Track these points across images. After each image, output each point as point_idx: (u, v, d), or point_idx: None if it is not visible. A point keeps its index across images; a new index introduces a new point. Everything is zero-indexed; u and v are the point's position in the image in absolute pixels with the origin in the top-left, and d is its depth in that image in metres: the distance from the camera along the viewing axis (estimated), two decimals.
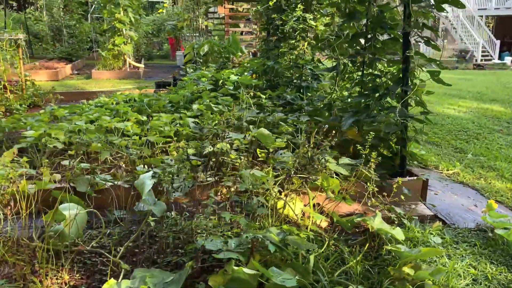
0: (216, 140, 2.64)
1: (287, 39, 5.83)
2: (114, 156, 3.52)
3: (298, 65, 5.61)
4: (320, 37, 4.98)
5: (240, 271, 1.79)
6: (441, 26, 23.56)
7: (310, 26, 5.12)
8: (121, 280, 1.84)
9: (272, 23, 6.27)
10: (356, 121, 3.43)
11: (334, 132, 3.30)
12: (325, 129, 3.80)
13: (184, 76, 7.09)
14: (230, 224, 2.19)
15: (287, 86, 5.67)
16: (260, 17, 6.93)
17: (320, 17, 5.28)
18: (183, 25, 11.02)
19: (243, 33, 12.65)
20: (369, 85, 3.55)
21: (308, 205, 2.90)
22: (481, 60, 20.36)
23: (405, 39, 3.16)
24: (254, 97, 5.05)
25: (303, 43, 5.43)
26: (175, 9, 13.45)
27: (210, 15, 12.86)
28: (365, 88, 3.64)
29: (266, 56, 6.51)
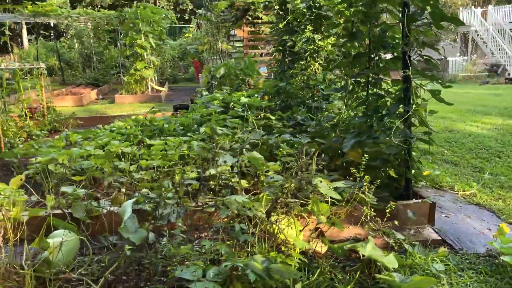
0: (207, 165, 2.62)
1: (299, 60, 5.83)
2: (117, 181, 3.55)
3: (310, 86, 5.58)
4: (329, 57, 4.95)
5: None
6: (470, 40, 23.08)
7: (319, 47, 5.10)
8: None
9: (285, 44, 6.30)
10: (358, 142, 3.35)
11: (336, 154, 3.24)
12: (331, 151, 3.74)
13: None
14: (215, 252, 2.15)
15: (300, 107, 5.64)
16: (276, 39, 6.98)
17: (329, 37, 5.25)
18: (203, 49, 11.25)
19: (262, 55, 12.78)
20: (372, 105, 3.48)
21: (310, 230, 2.83)
22: None
23: (404, 58, 3.09)
24: (263, 119, 5.04)
25: (314, 64, 5.41)
26: (198, 34, 13.77)
27: (231, 38, 13.09)
28: (369, 108, 3.57)
29: (280, 77, 6.52)
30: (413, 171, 3.47)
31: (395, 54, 3.45)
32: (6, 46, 14.28)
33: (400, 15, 3.07)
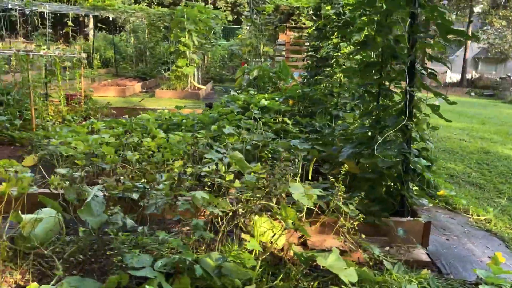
0: (189, 162, 2.68)
1: (325, 67, 5.77)
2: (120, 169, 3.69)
3: (333, 93, 5.51)
4: (345, 66, 4.87)
5: None
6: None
7: (343, 54, 5.02)
8: (47, 285, 1.92)
9: (315, 50, 6.25)
10: (356, 153, 3.27)
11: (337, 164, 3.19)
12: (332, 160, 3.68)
13: None
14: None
15: (323, 114, 5.57)
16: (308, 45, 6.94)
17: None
18: (246, 51, 11.38)
19: (304, 60, 12.69)
20: (377, 116, 3.38)
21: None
22: None
23: (409, 70, 2.98)
24: (280, 122, 5.03)
25: (338, 71, 5.33)
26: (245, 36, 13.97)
27: (278, 41, 13.15)
28: (374, 119, 3.47)
29: (308, 83, 6.48)
30: (415, 188, 3.34)
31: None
32: (68, 36, 15.14)
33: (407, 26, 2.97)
